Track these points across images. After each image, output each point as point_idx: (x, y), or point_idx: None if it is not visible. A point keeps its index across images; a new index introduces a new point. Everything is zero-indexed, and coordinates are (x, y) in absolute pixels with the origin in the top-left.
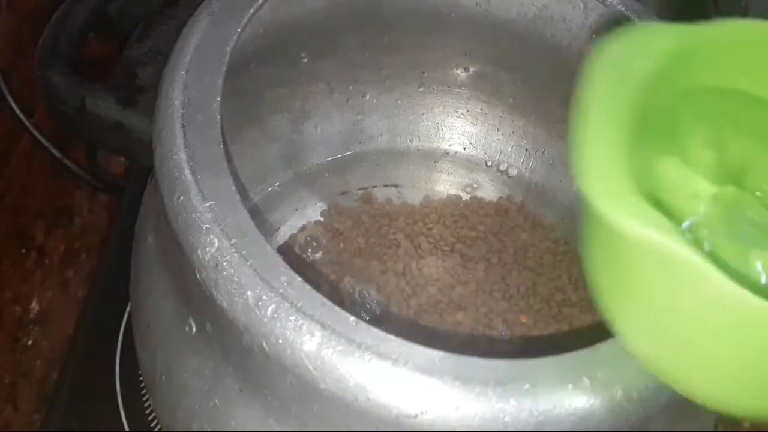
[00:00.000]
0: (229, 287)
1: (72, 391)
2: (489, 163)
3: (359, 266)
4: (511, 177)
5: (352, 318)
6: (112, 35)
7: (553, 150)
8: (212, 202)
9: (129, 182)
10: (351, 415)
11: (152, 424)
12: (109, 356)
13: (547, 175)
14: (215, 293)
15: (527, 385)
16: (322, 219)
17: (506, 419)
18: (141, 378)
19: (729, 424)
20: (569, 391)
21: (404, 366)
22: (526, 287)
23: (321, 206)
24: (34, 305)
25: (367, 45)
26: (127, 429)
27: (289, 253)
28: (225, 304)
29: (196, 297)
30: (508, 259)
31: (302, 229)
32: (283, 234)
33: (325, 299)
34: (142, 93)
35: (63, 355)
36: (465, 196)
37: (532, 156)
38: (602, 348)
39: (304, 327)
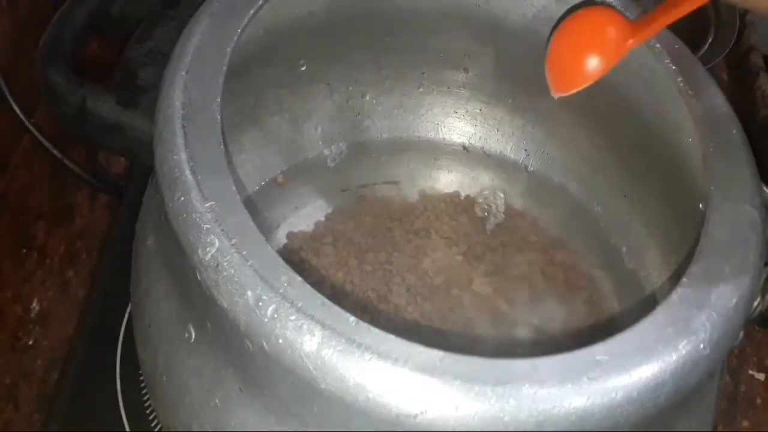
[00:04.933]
0: (230, 287)
1: (73, 391)
2: (488, 163)
3: (359, 265)
4: (511, 177)
5: (352, 318)
6: (113, 36)
7: (552, 150)
8: (213, 203)
9: (129, 182)
10: (351, 415)
11: (153, 424)
12: (110, 356)
13: (546, 175)
14: (215, 293)
15: (527, 385)
16: (322, 218)
17: (506, 419)
18: (141, 378)
19: (729, 423)
20: (569, 390)
21: (404, 366)
22: (526, 287)
23: (321, 205)
24: (35, 305)
25: (367, 46)
26: (127, 429)
27: (289, 253)
28: (225, 305)
29: (196, 297)
30: (508, 258)
31: (303, 228)
32: (284, 233)
33: (325, 299)
34: (142, 93)
35: (64, 355)
36: (464, 196)
37: (531, 156)
38: (602, 348)
39: (305, 327)
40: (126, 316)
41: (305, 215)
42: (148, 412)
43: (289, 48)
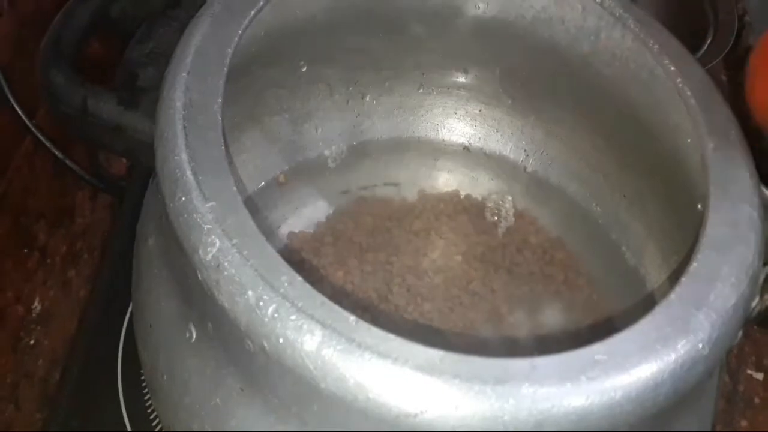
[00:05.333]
0: (230, 287)
1: (74, 390)
2: (488, 164)
3: (360, 265)
4: (510, 177)
5: (353, 317)
6: (114, 36)
7: (551, 151)
8: (213, 203)
9: (130, 183)
10: (351, 415)
11: (154, 424)
12: (111, 356)
13: (545, 176)
14: (216, 293)
15: (526, 385)
16: (323, 218)
17: (505, 418)
18: (143, 378)
19: (727, 423)
20: (568, 390)
21: (404, 365)
22: (525, 287)
23: (322, 205)
24: (36, 305)
25: (368, 47)
26: (129, 429)
27: (289, 253)
28: (226, 304)
29: (197, 297)
30: (507, 259)
31: (303, 228)
32: (284, 234)
33: (325, 299)
34: (143, 94)
35: (65, 354)
36: (464, 197)
37: (530, 157)
38: (601, 347)
39: (305, 326)
40: (127, 316)
41: (306, 215)
42: (149, 411)
43: (290, 49)
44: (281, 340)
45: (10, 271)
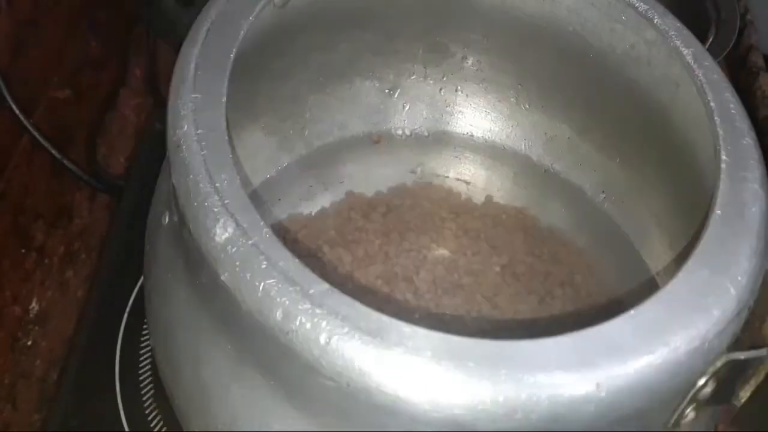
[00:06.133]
0: (245, 280)
1: (72, 391)
2: (491, 159)
3: (363, 255)
4: (512, 174)
5: (363, 306)
6: None
7: (555, 147)
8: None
9: (129, 183)
10: (356, 402)
11: (152, 424)
12: (109, 356)
13: (547, 175)
14: (233, 290)
15: (536, 369)
16: (326, 206)
17: (520, 400)
18: (140, 378)
19: (729, 424)
20: (580, 375)
21: (420, 355)
22: (524, 286)
23: (325, 196)
24: (34, 305)
25: (373, 38)
26: (126, 429)
27: (295, 243)
28: (239, 296)
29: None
30: (509, 255)
31: (306, 219)
32: (286, 228)
33: (334, 288)
34: None
35: (63, 355)
36: (467, 192)
37: (533, 154)
38: (609, 333)
39: (318, 318)
40: (125, 316)
41: (308, 207)
42: (147, 412)
43: (299, 42)
44: (297, 332)
45: (8, 271)
